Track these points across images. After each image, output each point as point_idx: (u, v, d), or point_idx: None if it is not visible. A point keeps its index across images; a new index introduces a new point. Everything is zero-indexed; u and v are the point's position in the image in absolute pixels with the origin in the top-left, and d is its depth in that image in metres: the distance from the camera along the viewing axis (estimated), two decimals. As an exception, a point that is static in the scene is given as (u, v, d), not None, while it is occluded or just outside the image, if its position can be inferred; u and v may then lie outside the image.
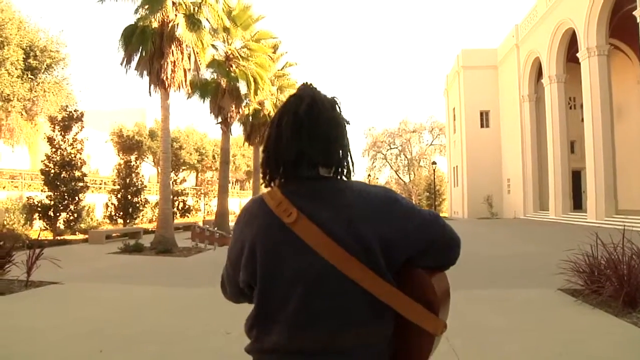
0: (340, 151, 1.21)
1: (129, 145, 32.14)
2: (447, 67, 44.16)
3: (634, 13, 18.17)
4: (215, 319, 5.37)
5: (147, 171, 34.11)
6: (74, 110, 17.30)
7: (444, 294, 1.19)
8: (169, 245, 12.61)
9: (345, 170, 1.21)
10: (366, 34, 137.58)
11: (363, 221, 1.13)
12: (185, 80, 13.58)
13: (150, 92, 13.30)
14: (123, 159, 21.39)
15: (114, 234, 16.97)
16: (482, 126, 36.56)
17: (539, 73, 29.20)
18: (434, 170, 41.56)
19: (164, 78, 12.74)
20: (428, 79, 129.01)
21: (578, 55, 22.12)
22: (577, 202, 26.87)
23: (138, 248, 12.34)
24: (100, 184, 28.93)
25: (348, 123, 1.25)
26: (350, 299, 1.11)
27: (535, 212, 29.43)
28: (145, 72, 13.07)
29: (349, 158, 1.22)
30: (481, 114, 36.59)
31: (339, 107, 1.24)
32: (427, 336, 1.14)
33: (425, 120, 67.68)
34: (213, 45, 17.90)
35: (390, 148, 64.52)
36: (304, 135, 1.16)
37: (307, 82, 1.25)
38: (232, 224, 22.93)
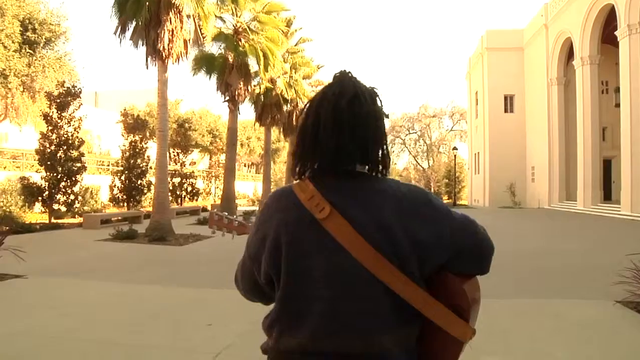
0: (379, 148, 1.15)
1: (134, 126, 31.09)
2: (470, 49, 42.40)
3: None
4: (185, 332, 4.25)
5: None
6: (72, 86, 16.24)
7: (475, 300, 1.12)
8: (165, 232, 11.52)
9: (382, 168, 1.15)
10: (386, 13, 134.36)
11: (396, 223, 1.06)
12: (186, 52, 12.42)
13: (147, 64, 12.15)
14: (127, 139, 20.32)
15: (113, 218, 16.02)
16: (506, 111, 34.81)
17: (569, 55, 27.40)
18: (454, 156, 39.81)
19: (161, 48, 11.53)
20: (449, 62, 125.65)
21: (617, 33, 20.33)
22: (607, 192, 25.23)
23: (130, 235, 11.31)
24: (108, 165, 28.11)
25: (387, 116, 1.18)
26: (379, 303, 1.06)
27: (561, 202, 27.79)
28: (140, 42, 11.90)
29: (387, 155, 1.17)
30: (505, 98, 34.81)
31: (380, 100, 1.16)
32: (455, 343, 1.09)
33: (446, 105, 65.46)
34: (221, 18, 16.70)
35: (409, 133, 62.68)
36: (344, 130, 1.09)
37: (345, 70, 1.17)
38: (240, 208, 21.92)
